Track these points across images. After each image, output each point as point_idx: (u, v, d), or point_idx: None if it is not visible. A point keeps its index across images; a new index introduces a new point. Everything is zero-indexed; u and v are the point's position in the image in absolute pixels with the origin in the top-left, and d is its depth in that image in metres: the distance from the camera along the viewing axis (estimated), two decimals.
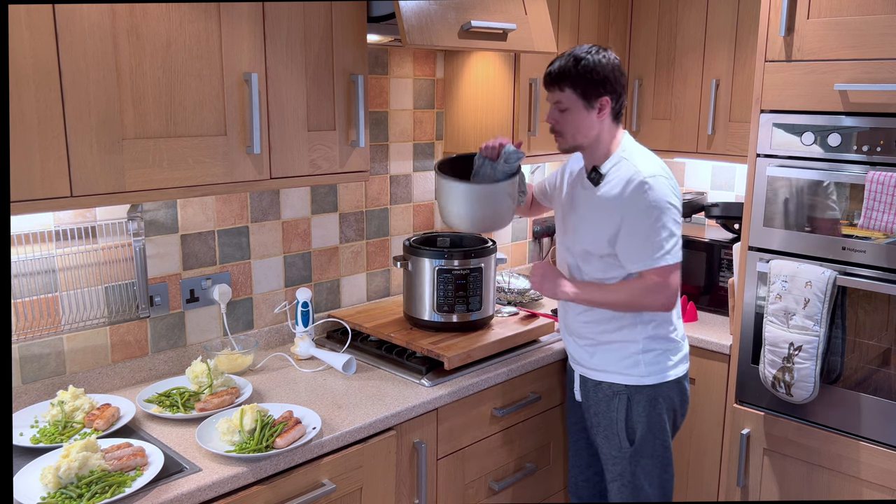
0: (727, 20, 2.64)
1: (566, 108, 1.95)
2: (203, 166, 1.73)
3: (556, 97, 1.97)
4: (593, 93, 1.93)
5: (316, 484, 1.75)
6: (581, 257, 2.06)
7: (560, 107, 1.97)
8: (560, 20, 2.59)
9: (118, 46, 1.56)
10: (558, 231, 2.19)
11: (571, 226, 2.08)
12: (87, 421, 1.76)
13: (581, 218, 2.04)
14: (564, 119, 1.97)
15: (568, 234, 2.11)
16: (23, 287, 1.85)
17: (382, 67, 2.52)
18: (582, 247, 2.04)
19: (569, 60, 1.93)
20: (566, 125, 1.97)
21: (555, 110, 1.98)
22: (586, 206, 2.03)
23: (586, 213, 2.02)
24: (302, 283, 2.43)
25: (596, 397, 2.11)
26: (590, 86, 1.93)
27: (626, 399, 2.05)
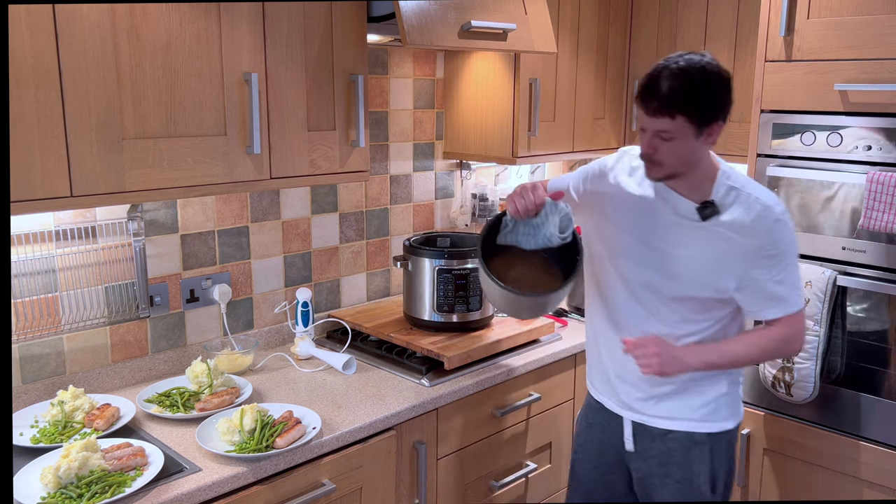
0: (727, 20, 2.64)
1: (673, 137, 1.59)
2: (203, 166, 1.73)
3: (661, 125, 1.59)
4: (709, 119, 1.59)
5: (316, 484, 1.75)
6: (674, 301, 1.74)
7: (665, 136, 1.60)
8: (560, 20, 2.59)
9: (118, 46, 1.56)
10: (622, 266, 1.80)
11: (665, 266, 1.73)
12: (87, 421, 1.76)
13: (687, 259, 1.71)
14: (667, 149, 1.62)
15: (656, 273, 1.74)
16: (23, 287, 1.85)
17: (382, 67, 2.52)
18: (683, 291, 1.73)
19: (683, 81, 1.56)
20: (668, 155, 1.62)
21: (655, 139, 1.62)
22: (693, 245, 1.70)
23: (695, 252, 1.70)
24: (302, 283, 2.43)
25: (664, 448, 1.82)
26: (707, 111, 1.58)
27: (708, 449, 1.80)
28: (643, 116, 1.62)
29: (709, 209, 1.68)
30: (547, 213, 1.69)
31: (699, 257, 1.70)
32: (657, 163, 1.65)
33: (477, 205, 2.84)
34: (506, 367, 2.22)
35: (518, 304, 1.77)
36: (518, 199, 1.69)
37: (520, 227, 1.71)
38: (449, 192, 2.83)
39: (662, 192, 1.73)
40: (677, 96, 1.55)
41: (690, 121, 1.57)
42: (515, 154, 2.55)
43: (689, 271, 1.71)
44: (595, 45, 2.76)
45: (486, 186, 2.85)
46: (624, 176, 1.81)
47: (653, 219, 1.75)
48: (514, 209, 1.69)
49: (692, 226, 1.70)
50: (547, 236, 1.70)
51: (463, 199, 2.83)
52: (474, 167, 2.87)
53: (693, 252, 1.70)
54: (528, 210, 1.68)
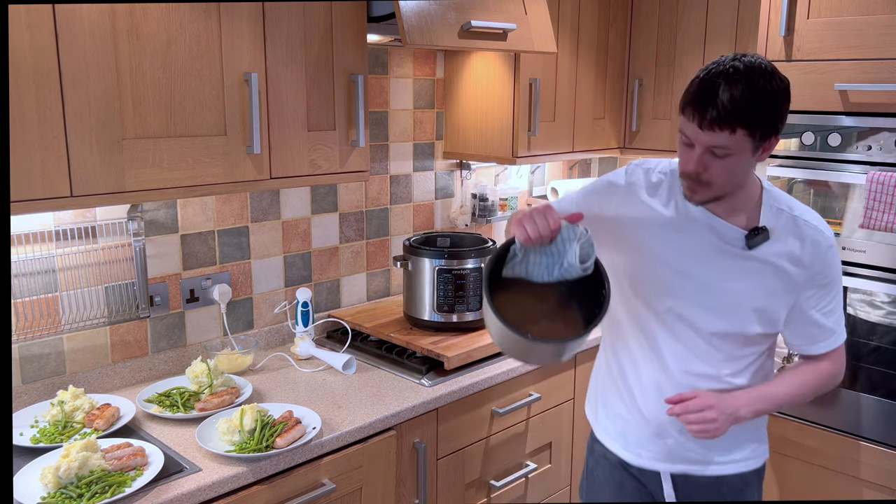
0: (727, 20, 2.64)
1: (729, 154, 1.38)
2: (203, 166, 1.73)
3: (717, 140, 1.36)
4: (771, 131, 1.39)
5: (316, 484, 1.75)
6: (716, 336, 1.54)
7: (720, 152, 1.38)
8: (560, 20, 2.59)
9: (118, 46, 1.56)
10: (654, 300, 1.57)
11: (707, 300, 1.52)
12: (87, 421, 1.76)
13: (733, 292, 1.51)
14: (720, 167, 1.40)
15: (697, 308, 1.53)
16: (23, 287, 1.85)
17: (382, 67, 2.52)
18: (728, 327, 1.53)
19: (747, 89, 1.33)
20: (720, 174, 1.41)
21: (706, 155, 1.39)
22: (740, 277, 1.51)
23: (742, 285, 1.50)
24: (302, 283, 2.43)
25: (715, 494, 1.65)
26: (769, 124, 1.38)
27: (756, 486, 1.67)
28: (693, 129, 1.38)
29: (758, 236, 1.48)
30: (564, 240, 1.42)
31: (747, 290, 1.51)
32: (705, 183, 1.42)
33: (477, 205, 2.85)
34: (506, 367, 2.22)
35: (531, 351, 1.49)
36: (529, 223, 1.40)
37: (531, 256, 1.44)
38: (449, 192, 2.83)
39: (701, 215, 1.52)
40: (740, 106, 1.33)
41: (751, 134, 1.36)
42: (515, 154, 2.55)
43: (735, 306, 1.52)
44: (595, 45, 2.76)
45: (486, 186, 2.85)
46: (645, 195, 1.58)
47: (692, 246, 1.53)
48: (525, 235, 1.40)
49: (738, 255, 1.50)
50: (565, 267, 1.43)
51: (463, 199, 2.83)
52: (474, 167, 2.87)
53: (740, 284, 1.51)
54: (541, 236, 1.39)
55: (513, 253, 1.44)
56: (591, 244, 1.42)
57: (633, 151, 2.97)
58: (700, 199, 1.47)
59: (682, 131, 1.42)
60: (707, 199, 1.47)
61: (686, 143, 1.42)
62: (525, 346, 1.43)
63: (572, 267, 1.42)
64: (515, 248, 1.44)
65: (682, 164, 1.45)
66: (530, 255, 1.44)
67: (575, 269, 1.42)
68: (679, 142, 1.44)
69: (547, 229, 1.40)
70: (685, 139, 1.42)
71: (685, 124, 1.40)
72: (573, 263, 1.41)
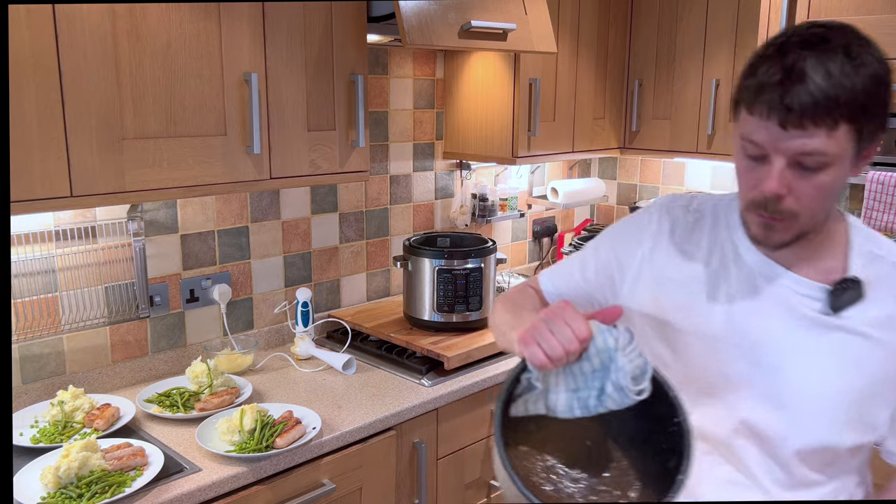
0: (727, 20, 2.64)
1: (828, 163, 0.94)
2: (203, 166, 1.73)
3: (808, 144, 0.92)
4: (878, 126, 0.96)
5: (316, 484, 1.75)
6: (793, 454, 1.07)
7: (815, 162, 0.94)
8: (560, 20, 2.59)
9: (118, 46, 1.56)
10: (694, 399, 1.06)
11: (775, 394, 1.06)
12: (87, 421, 1.76)
13: (811, 380, 1.04)
14: (809, 187, 0.96)
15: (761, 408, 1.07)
16: (23, 287, 1.85)
17: (382, 67, 2.52)
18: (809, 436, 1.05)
19: (844, 63, 0.91)
20: (811, 199, 0.97)
21: (790, 170, 0.95)
22: (824, 356, 1.04)
23: (826, 366, 1.04)
24: (302, 283, 2.43)
25: None
26: (880, 113, 0.95)
27: None
28: (768, 133, 0.94)
29: (847, 293, 1.03)
30: (599, 351, 0.94)
31: (831, 377, 1.04)
32: (791, 213, 0.97)
33: (477, 205, 2.85)
34: (506, 367, 2.22)
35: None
36: (544, 337, 0.93)
37: (552, 382, 0.97)
38: (449, 192, 2.83)
39: (758, 264, 1.08)
40: (843, 88, 0.90)
41: (856, 131, 0.93)
42: (515, 154, 2.55)
43: (818, 401, 1.04)
44: (595, 45, 2.76)
45: (486, 186, 2.85)
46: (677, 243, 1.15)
47: (748, 313, 1.07)
48: (543, 358, 0.92)
49: (817, 322, 1.04)
50: (608, 393, 0.96)
51: (463, 199, 2.83)
52: (474, 167, 2.87)
53: (819, 369, 1.04)
54: (567, 354, 0.93)
55: (525, 384, 0.98)
56: (641, 353, 0.96)
57: (633, 151, 2.98)
58: (780, 239, 1.01)
59: (746, 139, 0.97)
60: (789, 240, 1.01)
61: (754, 157, 0.97)
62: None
63: (621, 392, 0.95)
64: (530, 378, 0.97)
65: (747, 188, 1.00)
66: (551, 381, 0.97)
67: (625, 396, 0.95)
68: (740, 156, 1.00)
69: (574, 342, 0.92)
70: (753, 149, 0.96)
71: (753, 127, 0.95)
72: (623, 386, 0.94)
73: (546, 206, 3.21)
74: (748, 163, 0.99)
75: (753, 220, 1.02)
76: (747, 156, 0.99)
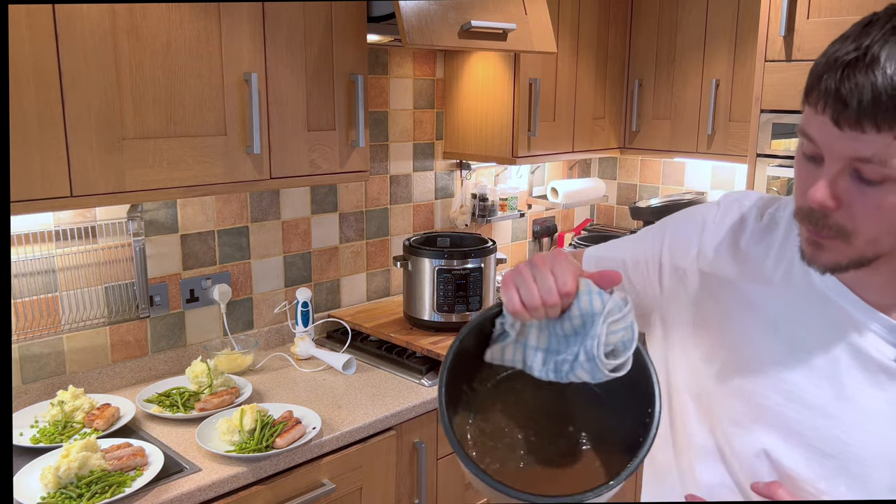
0: (727, 20, 2.64)
1: (890, 176, 0.75)
2: (203, 166, 1.73)
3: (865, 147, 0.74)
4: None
5: (316, 484, 1.75)
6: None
7: (873, 172, 0.75)
8: (560, 20, 2.59)
9: (118, 46, 1.56)
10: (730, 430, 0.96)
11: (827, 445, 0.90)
12: (87, 421, 1.76)
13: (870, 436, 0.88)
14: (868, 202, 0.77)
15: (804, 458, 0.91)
16: (23, 287, 1.85)
17: (382, 67, 2.52)
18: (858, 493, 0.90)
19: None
20: (868, 216, 0.78)
21: (844, 178, 0.78)
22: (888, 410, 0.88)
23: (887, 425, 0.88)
24: (302, 283, 2.43)
25: None
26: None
27: None
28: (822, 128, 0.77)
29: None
30: (582, 313, 0.82)
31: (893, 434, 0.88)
32: (842, 232, 0.80)
33: (477, 205, 2.85)
34: None
35: None
36: (525, 282, 0.81)
37: (531, 335, 0.85)
38: (449, 192, 2.83)
39: (833, 291, 0.89)
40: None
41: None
42: (515, 154, 2.55)
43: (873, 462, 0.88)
44: (595, 45, 2.76)
45: (486, 186, 2.85)
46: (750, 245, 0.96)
47: (809, 346, 0.91)
48: (517, 301, 0.81)
49: (889, 370, 0.87)
50: (580, 361, 0.83)
51: (463, 199, 2.83)
52: (474, 167, 2.87)
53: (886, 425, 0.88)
54: (543, 305, 0.80)
55: (499, 329, 0.87)
56: (629, 326, 0.82)
57: (633, 151, 2.98)
58: (830, 261, 0.83)
59: (802, 132, 0.81)
60: (841, 265, 0.83)
61: (810, 156, 0.81)
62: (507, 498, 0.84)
63: (592, 364, 0.82)
64: (503, 322, 0.86)
65: (799, 193, 0.83)
66: (530, 332, 0.85)
67: (597, 369, 0.82)
68: (798, 152, 0.83)
69: (553, 294, 0.80)
70: (809, 147, 0.80)
71: (809, 118, 0.79)
72: (594, 356, 0.81)
73: (546, 206, 3.21)
74: (804, 162, 0.82)
75: (803, 234, 0.84)
76: (804, 154, 0.81)
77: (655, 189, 3.30)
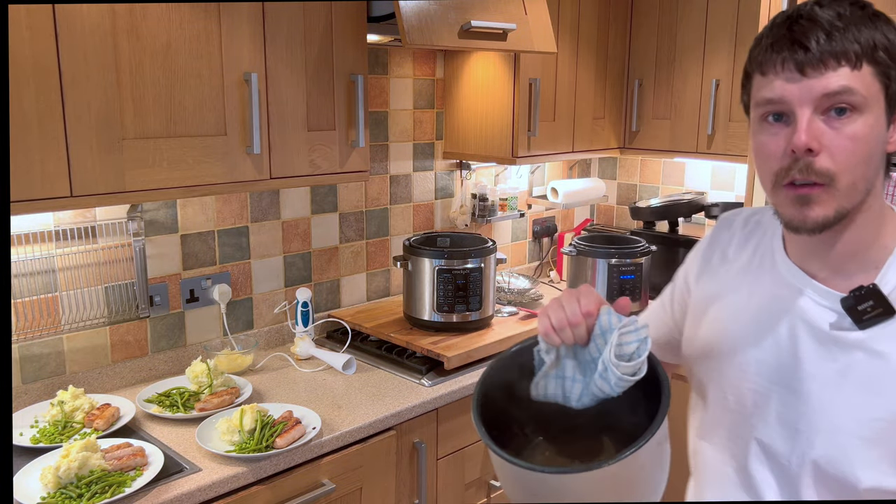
0: (727, 20, 2.64)
1: (856, 105, 0.86)
2: (203, 166, 1.73)
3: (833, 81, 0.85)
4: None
5: (316, 484, 1.75)
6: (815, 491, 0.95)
7: (843, 101, 0.85)
8: (560, 20, 2.59)
9: (118, 46, 1.56)
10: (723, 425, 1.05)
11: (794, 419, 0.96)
12: (87, 421, 1.76)
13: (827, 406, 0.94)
14: (844, 138, 0.86)
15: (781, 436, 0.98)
16: (23, 287, 1.85)
17: (382, 67, 2.52)
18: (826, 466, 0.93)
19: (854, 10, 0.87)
20: (847, 153, 0.86)
21: (818, 123, 0.86)
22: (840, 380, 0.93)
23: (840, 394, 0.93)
24: (302, 283, 2.43)
25: None
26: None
27: None
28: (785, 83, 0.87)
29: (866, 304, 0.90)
30: (602, 329, 0.93)
31: (851, 405, 0.92)
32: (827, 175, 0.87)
33: (477, 205, 2.85)
34: None
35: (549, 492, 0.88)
36: (555, 309, 0.95)
37: (567, 367, 0.96)
38: (449, 192, 2.84)
39: (790, 273, 0.99)
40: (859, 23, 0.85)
41: (883, 75, 0.86)
42: (515, 154, 2.55)
43: (831, 429, 0.93)
44: (595, 45, 2.76)
45: (486, 186, 2.86)
46: (737, 251, 1.08)
47: (771, 324, 0.99)
48: (548, 325, 0.94)
49: (833, 339, 0.94)
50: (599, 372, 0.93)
51: (463, 199, 2.83)
52: (474, 167, 2.87)
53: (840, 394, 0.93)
54: (570, 324, 0.94)
55: (537, 358, 0.97)
56: (642, 340, 0.91)
57: (633, 151, 2.98)
58: (819, 214, 0.88)
59: (763, 103, 0.90)
60: (832, 217, 0.89)
61: (778, 114, 0.89)
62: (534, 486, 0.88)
63: (607, 373, 0.91)
64: (539, 350, 0.97)
65: (774, 159, 0.90)
66: (566, 365, 0.96)
67: (611, 374, 0.91)
68: (759, 132, 0.92)
69: (577, 315, 0.93)
70: (773, 108, 0.89)
71: (770, 85, 0.88)
72: (606, 362, 0.91)
73: (546, 206, 3.22)
74: (770, 130, 0.90)
75: (787, 198, 0.90)
76: (768, 122, 0.90)
77: (655, 189, 3.30)
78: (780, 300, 0.99)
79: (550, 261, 3.29)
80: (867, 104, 0.86)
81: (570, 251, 2.75)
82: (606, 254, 2.66)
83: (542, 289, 3.00)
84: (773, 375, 0.98)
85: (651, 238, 2.94)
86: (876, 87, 0.86)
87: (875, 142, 0.88)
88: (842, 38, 0.84)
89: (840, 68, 0.84)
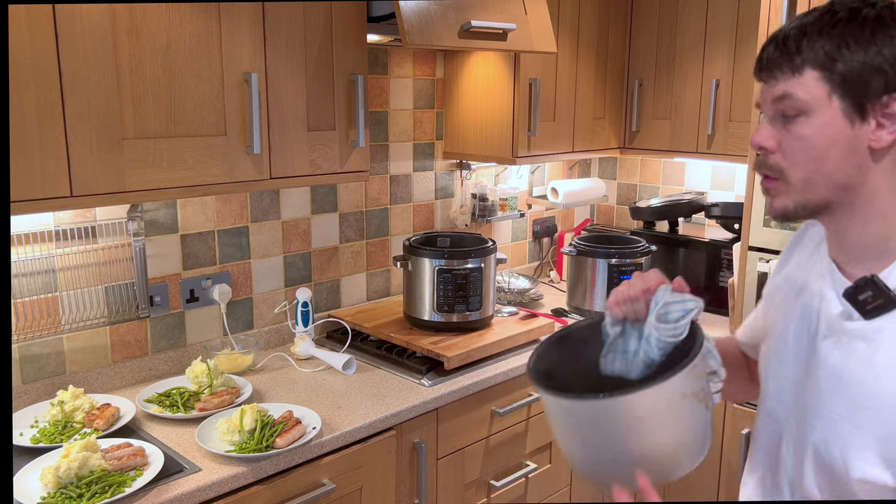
0: (727, 20, 2.64)
1: (801, 111, 0.93)
2: (203, 166, 1.73)
3: (778, 88, 0.95)
4: (867, 85, 0.90)
5: (316, 484, 1.75)
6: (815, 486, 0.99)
7: (790, 107, 0.94)
8: (560, 20, 2.59)
9: (118, 46, 1.56)
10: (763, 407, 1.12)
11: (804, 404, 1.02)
12: (87, 421, 1.76)
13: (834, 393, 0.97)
14: (793, 138, 0.94)
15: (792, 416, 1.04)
16: (23, 287, 1.85)
17: (382, 67, 2.52)
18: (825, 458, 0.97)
19: (823, 15, 0.92)
20: (796, 152, 0.94)
21: (774, 124, 0.97)
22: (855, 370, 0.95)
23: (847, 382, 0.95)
24: (302, 283, 2.43)
25: None
26: (863, 65, 0.89)
27: None
28: (759, 93, 1.00)
29: (867, 291, 0.92)
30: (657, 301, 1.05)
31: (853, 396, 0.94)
32: (778, 170, 0.96)
33: (477, 205, 2.85)
34: (506, 367, 2.22)
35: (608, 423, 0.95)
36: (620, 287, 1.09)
37: (632, 340, 1.07)
38: (449, 192, 2.84)
39: (822, 267, 1.04)
40: (808, 32, 0.92)
41: (828, 80, 0.91)
42: (515, 154, 2.55)
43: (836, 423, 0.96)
44: (595, 45, 2.76)
45: (486, 186, 2.86)
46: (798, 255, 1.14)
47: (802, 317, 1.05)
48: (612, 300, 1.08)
49: (846, 329, 0.97)
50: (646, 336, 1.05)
51: (463, 199, 2.83)
52: (474, 167, 2.87)
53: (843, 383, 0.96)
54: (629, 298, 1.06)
55: (604, 331, 1.09)
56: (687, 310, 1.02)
57: (633, 151, 2.98)
58: (780, 206, 0.97)
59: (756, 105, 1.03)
60: (789, 209, 0.97)
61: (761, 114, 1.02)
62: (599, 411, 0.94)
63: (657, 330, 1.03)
64: (605, 324, 1.09)
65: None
66: (630, 339, 1.08)
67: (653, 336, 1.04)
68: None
69: (637, 288, 1.05)
70: (759, 110, 1.01)
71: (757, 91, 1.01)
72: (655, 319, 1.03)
73: (546, 206, 3.22)
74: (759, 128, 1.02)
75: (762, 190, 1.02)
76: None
77: (655, 189, 3.30)
78: (812, 289, 1.05)
79: (550, 261, 3.29)
80: (812, 107, 0.92)
81: (570, 251, 2.75)
82: (606, 254, 2.67)
83: (542, 289, 3.00)
84: (795, 358, 1.05)
85: (651, 238, 2.94)
86: (822, 90, 0.91)
87: (829, 141, 0.92)
88: (787, 48, 0.93)
89: (782, 76, 0.94)
